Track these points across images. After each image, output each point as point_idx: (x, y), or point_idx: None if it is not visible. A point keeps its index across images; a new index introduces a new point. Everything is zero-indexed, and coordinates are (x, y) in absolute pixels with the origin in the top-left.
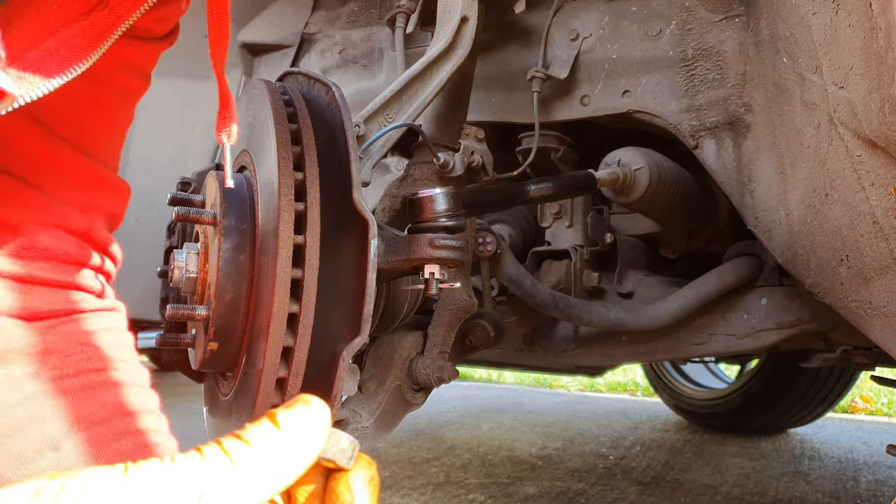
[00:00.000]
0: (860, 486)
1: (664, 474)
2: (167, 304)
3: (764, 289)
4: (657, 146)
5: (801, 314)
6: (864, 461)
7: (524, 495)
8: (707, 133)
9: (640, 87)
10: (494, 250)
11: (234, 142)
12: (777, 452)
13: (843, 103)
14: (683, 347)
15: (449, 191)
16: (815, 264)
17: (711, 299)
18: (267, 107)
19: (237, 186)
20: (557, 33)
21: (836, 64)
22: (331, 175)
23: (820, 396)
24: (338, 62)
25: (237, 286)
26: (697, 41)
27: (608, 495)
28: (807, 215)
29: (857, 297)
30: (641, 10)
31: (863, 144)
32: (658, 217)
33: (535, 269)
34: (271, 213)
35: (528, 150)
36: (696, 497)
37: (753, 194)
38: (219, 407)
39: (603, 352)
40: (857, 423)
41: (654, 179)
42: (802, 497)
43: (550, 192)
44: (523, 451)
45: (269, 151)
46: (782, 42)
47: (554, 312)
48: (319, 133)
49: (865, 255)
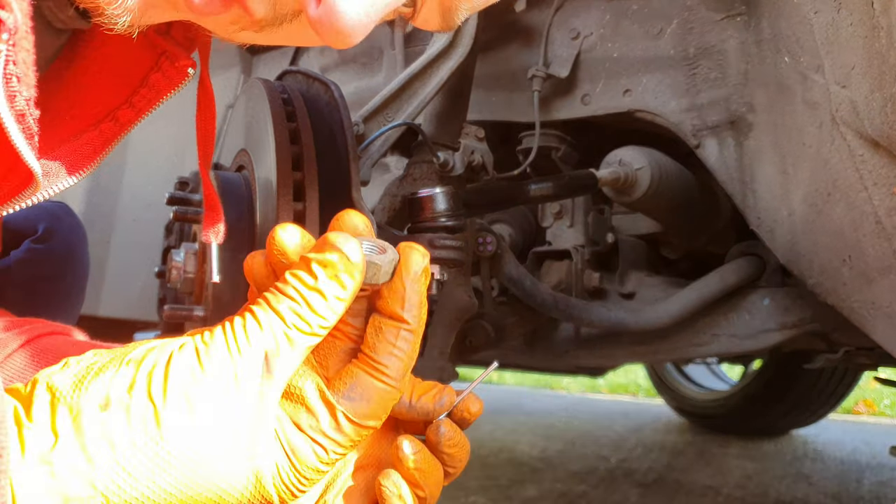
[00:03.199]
0: (863, 488)
1: (666, 476)
2: (165, 304)
3: (766, 289)
4: (658, 145)
5: (804, 315)
6: (866, 463)
7: (525, 497)
8: (709, 132)
9: (642, 87)
10: (495, 250)
11: (221, 241)
12: (779, 454)
13: (846, 102)
14: (685, 348)
15: (449, 190)
16: (818, 264)
17: (713, 300)
18: (265, 106)
19: (235, 184)
20: (558, 32)
21: (838, 63)
22: (330, 174)
23: (822, 398)
24: (337, 61)
25: (235, 286)
26: (699, 40)
27: (609, 498)
28: (809, 215)
29: (860, 297)
30: (642, 9)
31: (865, 144)
32: (659, 217)
33: (536, 270)
34: (270, 213)
35: (528, 149)
36: (698, 499)
37: (755, 194)
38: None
39: (604, 352)
40: (860, 425)
41: (655, 179)
42: (804, 499)
43: (551, 191)
44: (524, 453)
45: (268, 150)
46: (784, 41)
47: (555, 313)
48: (318, 132)
49: (868, 255)
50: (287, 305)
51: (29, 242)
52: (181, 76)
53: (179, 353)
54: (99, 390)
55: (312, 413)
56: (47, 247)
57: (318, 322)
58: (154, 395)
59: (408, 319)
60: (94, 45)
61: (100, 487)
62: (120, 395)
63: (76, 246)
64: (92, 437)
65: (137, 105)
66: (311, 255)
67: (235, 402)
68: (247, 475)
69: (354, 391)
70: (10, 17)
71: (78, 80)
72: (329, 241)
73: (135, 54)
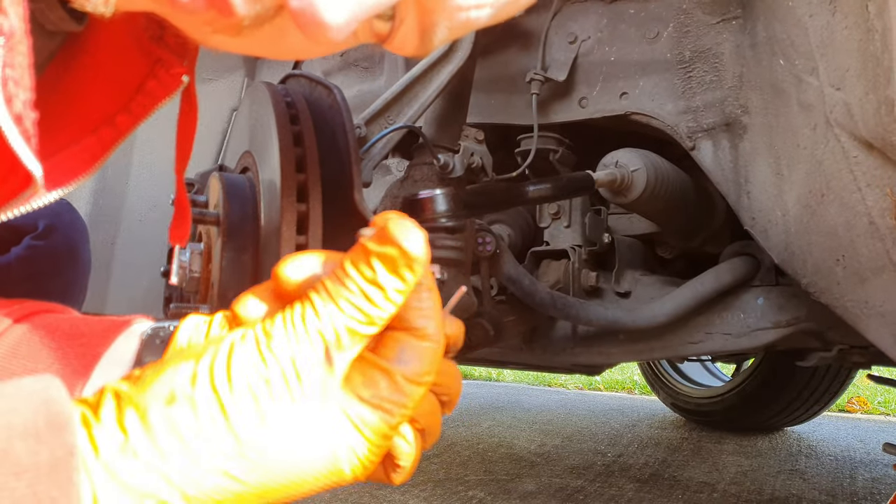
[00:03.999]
0: (857, 484)
1: (661, 472)
2: (170, 303)
3: (760, 288)
4: (654, 147)
5: (798, 313)
6: (860, 459)
7: (523, 492)
8: (704, 134)
9: (638, 89)
10: (494, 250)
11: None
12: (774, 450)
13: (840, 105)
14: (680, 346)
15: (449, 192)
16: (812, 264)
17: (708, 299)
18: (269, 109)
19: (239, 186)
20: (556, 36)
21: (833, 66)
22: (332, 176)
23: (816, 395)
24: (339, 65)
25: (240, 286)
26: (694, 43)
27: (606, 492)
28: (803, 216)
29: (854, 296)
30: (639, 13)
31: (859, 146)
32: (655, 217)
33: (534, 269)
34: (274, 214)
35: (527, 151)
36: (694, 494)
37: (750, 195)
38: None
39: (601, 350)
40: (854, 422)
41: (651, 180)
42: (799, 494)
43: (549, 192)
44: (522, 449)
45: (272, 153)
46: (779, 44)
47: (552, 311)
48: (321, 135)
49: (861, 255)
50: (346, 297)
51: (29, 239)
52: (175, 83)
53: (242, 342)
54: (163, 386)
55: (373, 382)
56: (48, 243)
57: (378, 314)
58: (218, 386)
59: (423, 283)
60: (89, 52)
61: (175, 482)
62: (184, 388)
63: (77, 242)
64: (161, 432)
65: (135, 111)
66: (371, 246)
67: (300, 390)
68: (321, 459)
69: (404, 354)
70: (5, 22)
71: (73, 86)
72: (390, 233)
73: (129, 61)
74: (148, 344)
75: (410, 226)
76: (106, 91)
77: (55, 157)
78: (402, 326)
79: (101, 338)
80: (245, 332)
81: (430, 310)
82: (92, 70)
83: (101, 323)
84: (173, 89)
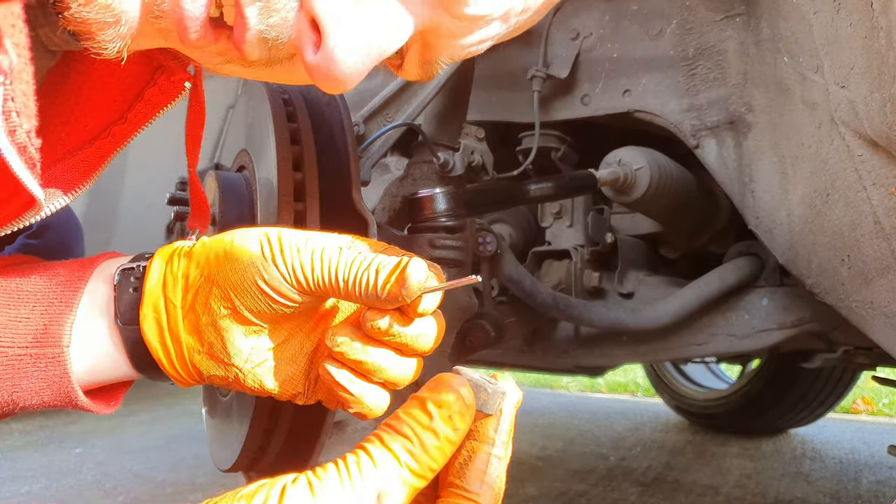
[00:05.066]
0: (861, 487)
1: (665, 475)
2: None
3: (765, 289)
4: (658, 146)
5: (803, 314)
6: (865, 462)
7: (525, 496)
8: (708, 132)
9: (641, 87)
10: (495, 250)
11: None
12: (778, 453)
13: (845, 103)
14: (684, 347)
15: (449, 190)
16: (816, 264)
17: (712, 299)
18: (266, 106)
19: (236, 184)
20: (558, 32)
21: (838, 63)
22: (330, 175)
23: (821, 397)
24: None
25: None
26: (698, 40)
27: (609, 496)
28: (808, 215)
29: (859, 297)
30: (642, 10)
31: (864, 144)
32: (659, 217)
33: (536, 269)
34: (270, 213)
35: (528, 149)
36: (697, 498)
37: (754, 194)
38: (218, 407)
39: (603, 352)
40: (859, 424)
41: (654, 179)
42: (804, 498)
43: (551, 191)
44: (524, 452)
45: (269, 151)
46: (783, 41)
47: (554, 312)
48: (319, 133)
49: (866, 255)
50: (401, 444)
51: (23, 237)
52: (178, 90)
53: (293, 486)
54: None
55: None
56: (41, 241)
57: (429, 464)
58: None
59: (500, 450)
60: (89, 62)
61: None
62: None
63: (70, 240)
64: None
65: (132, 120)
66: (426, 394)
67: None
68: None
69: None
70: (5, 59)
71: (73, 98)
72: (444, 381)
73: (130, 70)
74: (123, 288)
75: (462, 377)
76: (105, 101)
77: (53, 169)
78: (457, 489)
79: (74, 282)
80: (296, 476)
81: (494, 479)
82: (91, 81)
83: (66, 266)
84: (174, 96)
